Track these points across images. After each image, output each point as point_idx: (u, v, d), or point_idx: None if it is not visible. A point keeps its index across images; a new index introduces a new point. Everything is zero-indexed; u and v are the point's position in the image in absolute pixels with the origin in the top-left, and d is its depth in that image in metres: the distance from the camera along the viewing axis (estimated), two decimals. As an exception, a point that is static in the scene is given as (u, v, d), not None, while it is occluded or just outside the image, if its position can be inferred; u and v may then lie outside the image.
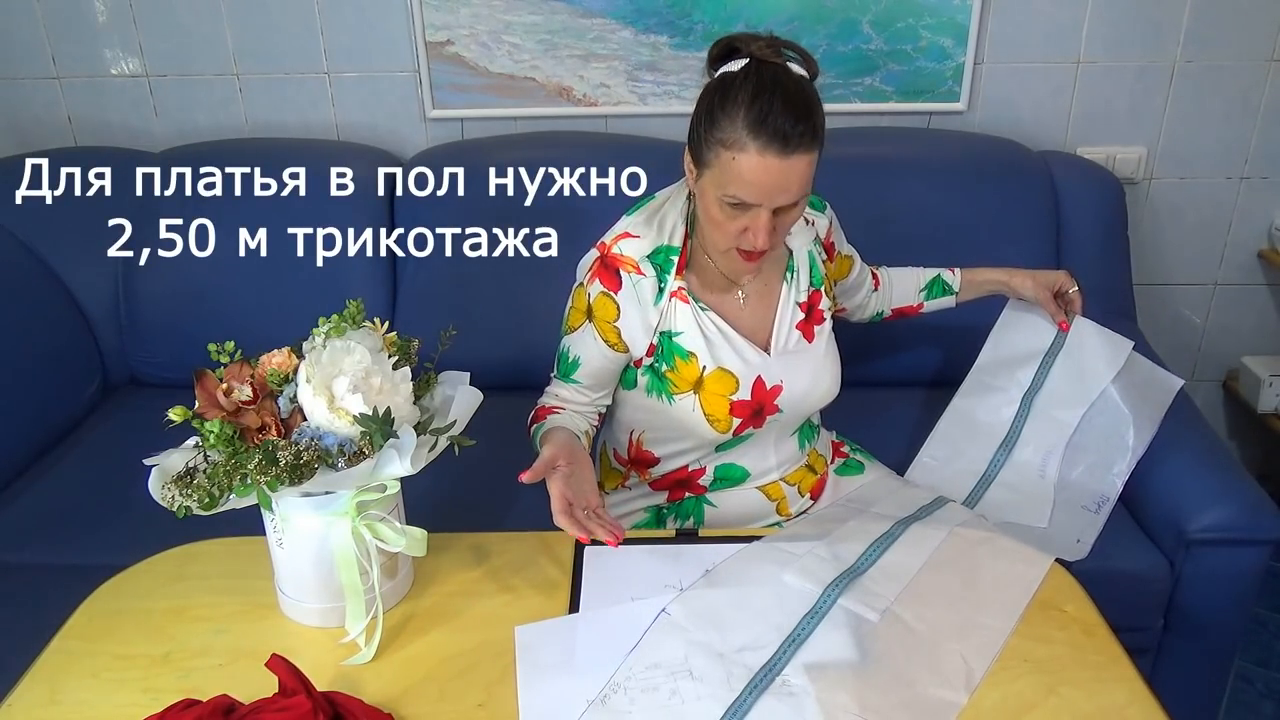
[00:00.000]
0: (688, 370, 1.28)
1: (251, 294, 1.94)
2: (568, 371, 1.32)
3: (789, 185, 1.12)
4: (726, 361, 1.28)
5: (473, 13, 2.04)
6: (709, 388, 1.28)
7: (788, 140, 1.09)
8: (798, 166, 1.11)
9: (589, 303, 1.28)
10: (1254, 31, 2.03)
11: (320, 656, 1.04)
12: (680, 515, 1.40)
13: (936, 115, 2.12)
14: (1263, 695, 1.90)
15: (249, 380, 1.02)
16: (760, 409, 1.30)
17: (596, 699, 0.97)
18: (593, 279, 1.27)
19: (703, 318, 1.28)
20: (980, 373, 1.60)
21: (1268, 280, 2.27)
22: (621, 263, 1.26)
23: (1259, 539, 1.47)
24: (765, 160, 1.10)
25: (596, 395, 1.34)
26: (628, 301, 1.26)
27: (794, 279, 1.34)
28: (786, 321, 1.33)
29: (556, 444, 1.19)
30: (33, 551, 1.58)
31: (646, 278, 1.25)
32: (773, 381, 1.30)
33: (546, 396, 1.36)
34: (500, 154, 2.01)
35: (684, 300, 1.27)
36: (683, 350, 1.27)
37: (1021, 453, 1.52)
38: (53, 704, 1.00)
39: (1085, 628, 1.07)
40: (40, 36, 2.09)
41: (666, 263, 1.26)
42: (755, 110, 1.09)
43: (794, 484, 1.41)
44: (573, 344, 1.31)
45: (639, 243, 1.26)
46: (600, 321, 1.27)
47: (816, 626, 1.05)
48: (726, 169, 1.12)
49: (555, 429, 1.26)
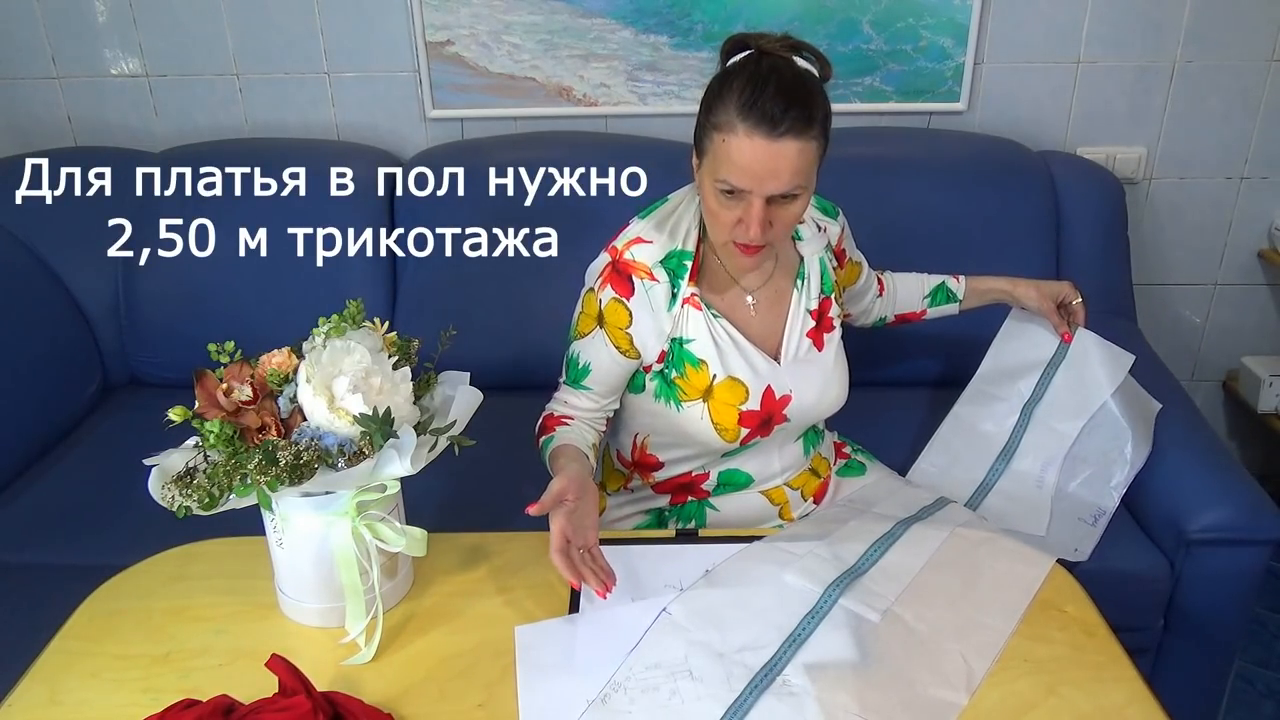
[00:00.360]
0: (698, 378, 1.27)
1: (251, 294, 1.94)
2: (578, 378, 1.31)
3: (778, 170, 1.11)
4: (737, 370, 1.27)
5: (473, 13, 2.04)
6: (718, 396, 1.27)
7: (776, 123, 1.09)
8: (787, 151, 1.10)
9: (600, 309, 1.26)
10: (1254, 31, 2.03)
11: (320, 656, 1.04)
12: (682, 518, 1.40)
13: (936, 115, 2.12)
14: (1263, 695, 1.90)
15: (249, 380, 1.02)
16: (769, 419, 1.29)
17: (597, 699, 0.97)
18: (604, 285, 1.26)
19: (715, 325, 1.27)
20: (981, 381, 1.60)
21: (1268, 280, 2.27)
22: (634, 269, 1.24)
23: (1259, 539, 1.47)
24: (753, 142, 1.09)
25: (606, 401, 1.33)
26: (640, 308, 1.25)
27: (805, 286, 1.33)
28: (797, 329, 1.32)
29: (568, 475, 1.14)
30: (33, 551, 1.58)
31: (660, 284, 1.24)
32: (782, 391, 1.29)
33: (555, 404, 1.34)
34: (500, 154, 2.01)
35: (696, 307, 1.26)
36: (694, 358, 1.26)
37: (1020, 462, 1.52)
38: (53, 704, 1.00)
39: (1085, 628, 1.07)
40: (40, 36, 2.09)
41: (680, 268, 1.25)
42: (747, 94, 1.10)
43: (797, 488, 1.40)
44: (583, 350, 1.30)
45: (651, 248, 1.25)
46: (612, 328, 1.26)
47: (817, 626, 1.05)
48: (719, 153, 1.12)
49: (565, 448, 1.24)
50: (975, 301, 1.57)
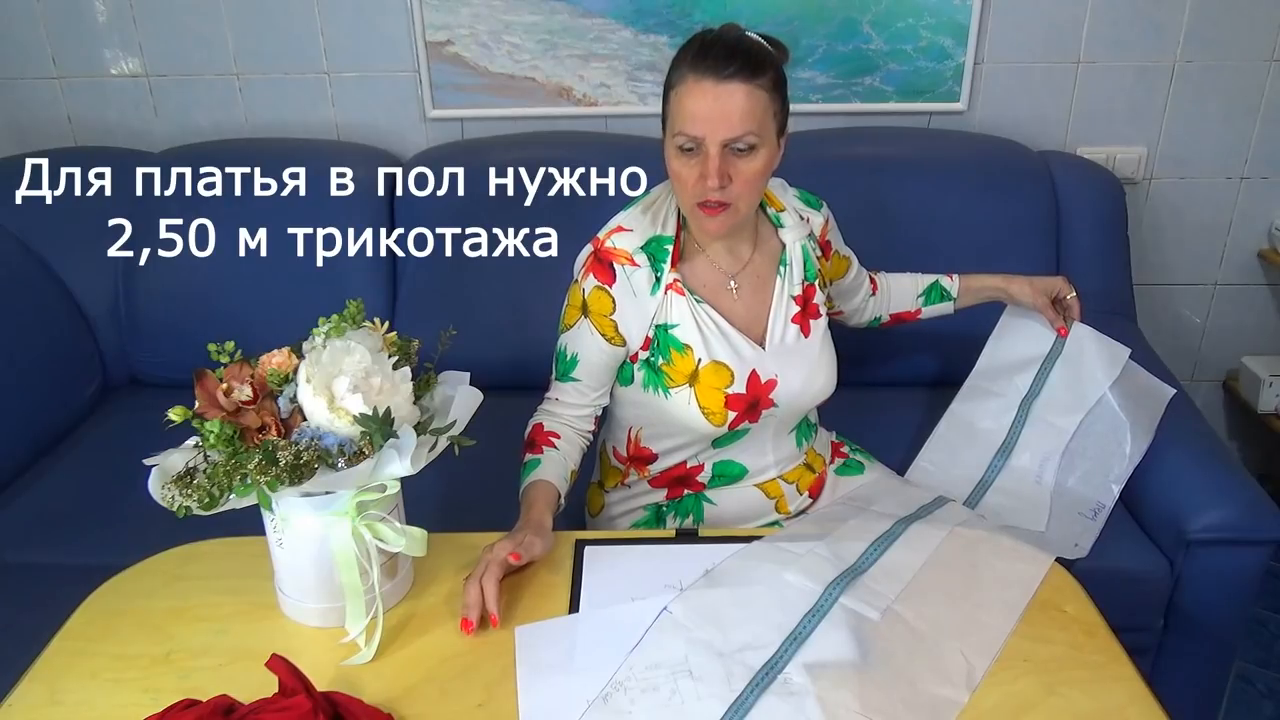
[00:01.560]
0: (683, 363, 1.28)
1: (251, 294, 1.94)
2: (566, 370, 1.32)
3: (728, 112, 1.15)
4: (721, 355, 1.28)
5: (473, 13, 2.04)
6: (704, 380, 1.28)
7: (722, 68, 1.14)
8: (735, 94, 1.15)
9: (584, 298, 1.28)
10: (1254, 31, 2.03)
11: (320, 656, 1.04)
12: (680, 513, 1.40)
13: (936, 115, 2.12)
14: (1263, 695, 1.90)
15: (249, 380, 1.02)
16: (756, 403, 1.30)
17: (598, 698, 0.97)
18: (587, 274, 1.28)
19: (698, 310, 1.28)
20: (978, 378, 1.61)
21: (1268, 280, 2.27)
22: (615, 255, 1.27)
23: (1259, 539, 1.47)
24: (701, 87, 1.15)
25: (595, 395, 1.34)
26: (623, 294, 1.27)
27: (787, 272, 1.34)
28: (781, 315, 1.33)
29: (518, 539, 1.14)
30: (33, 551, 1.58)
31: (641, 268, 1.26)
32: (768, 375, 1.31)
33: (545, 411, 1.35)
34: (500, 154, 2.01)
35: (680, 293, 1.27)
36: (678, 343, 1.28)
37: (1019, 458, 1.53)
38: (53, 704, 1.00)
39: (1085, 628, 1.07)
40: (40, 36, 2.09)
41: (660, 252, 1.27)
42: (696, 48, 1.18)
43: (792, 482, 1.41)
44: (570, 341, 1.31)
45: (632, 235, 1.27)
46: (596, 315, 1.28)
47: (818, 625, 1.05)
48: (674, 111, 1.19)
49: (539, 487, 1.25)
50: (970, 300, 1.58)
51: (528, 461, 1.30)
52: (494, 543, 1.13)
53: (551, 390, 1.36)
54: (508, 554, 1.10)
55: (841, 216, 1.46)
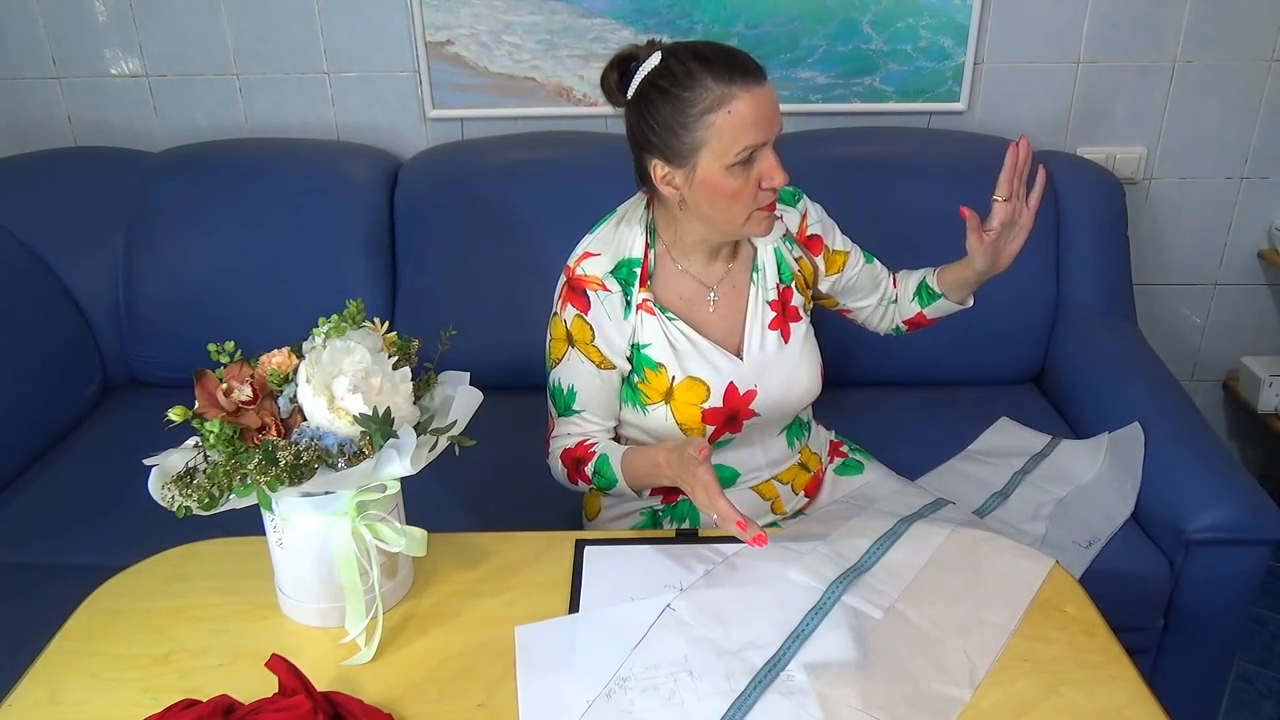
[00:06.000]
0: (658, 381, 1.28)
1: (251, 294, 1.94)
2: (568, 404, 1.31)
3: (775, 110, 1.17)
4: (695, 370, 1.28)
5: (473, 13, 2.04)
6: (679, 397, 1.28)
7: (755, 72, 1.16)
8: (772, 93, 1.17)
9: (567, 329, 1.28)
10: (1254, 31, 2.03)
11: (320, 656, 1.04)
12: (676, 517, 1.40)
13: (936, 115, 2.12)
14: (1263, 695, 1.90)
15: (249, 380, 1.02)
16: (734, 415, 1.30)
17: (600, 694, 0.97)
18: (565, 305, 1.28)
19: (670, 327, 1.28)
20: (974, 453, 1.74)
21: (1268, 280, 2.27)
22: (587, 282, 1.26)
23: (1259, 539, 1.47)
24: (753, 94, 1.15)
25: (606, 423, 1.33)
26: (599, 319, 1.26)
27: (760, 278, 1.33)
28: (758, 323, 1.32)
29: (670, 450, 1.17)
30: (33, 551, 1.58)
31: (613, 293, 1.26)
32: (746, 387, 1.30)
33: (559, 441, 1.34)
34: (500, 154, 2.01)
35: (650, 312, 1.27)
36: (651, 361, 1.28)
37: (1014, 503, 1.59)
38: (53, 704, 1.00)
39: (1085, 628, 1.07)
40: (40, 36, 2.09)
41: (630, 275, 1.27)
42: (714, 64, 1.15)
43: (786, 482, 1.41)
44: (562, 375, 1.30)
45: (601, 260, 1.27)
46: (581, 344, 1.28)
47: (820, 623, 1.05)
48: (726, 128, 1.15)
49: (621, 450, 1.28)
50: (958, 290, 1.46)
51: (596, 470, 1.29)
52: (673, 465, 1.14)
53: (559, 428, 1.34)
54: (702, 463, 1.09)
55: (841, 216, 1.45)
